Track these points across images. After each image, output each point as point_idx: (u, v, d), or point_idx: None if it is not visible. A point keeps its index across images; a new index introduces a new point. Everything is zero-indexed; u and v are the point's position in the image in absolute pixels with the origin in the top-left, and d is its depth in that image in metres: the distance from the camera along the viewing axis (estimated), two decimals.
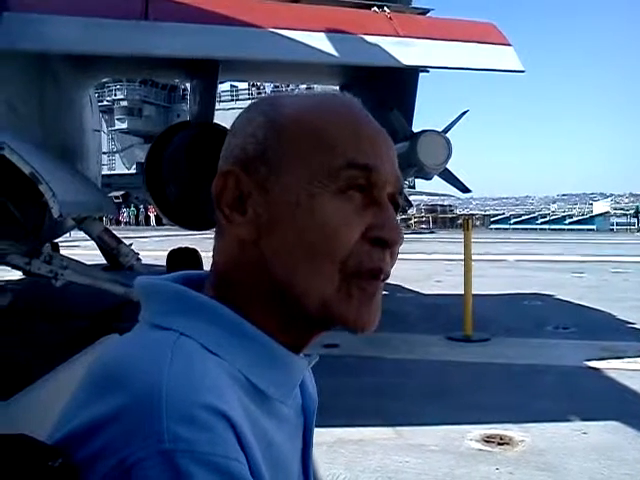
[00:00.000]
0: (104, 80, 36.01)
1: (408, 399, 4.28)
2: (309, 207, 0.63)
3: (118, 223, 38.77)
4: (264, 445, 0.60)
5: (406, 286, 10.05)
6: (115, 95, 45.74)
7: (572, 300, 8.63)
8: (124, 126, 45.88)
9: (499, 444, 3.45)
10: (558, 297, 9.01)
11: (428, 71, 7.48)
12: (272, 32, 5.74)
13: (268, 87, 44.02)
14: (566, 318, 7.26)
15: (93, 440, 0.54)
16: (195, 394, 0.54)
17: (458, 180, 7.33)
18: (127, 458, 0.52)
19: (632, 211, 41.84)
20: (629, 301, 8.41)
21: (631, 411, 3.92)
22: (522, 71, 6.22)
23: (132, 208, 42.61)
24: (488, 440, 3.50)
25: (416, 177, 8.45)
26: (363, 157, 0.65)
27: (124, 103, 45.93)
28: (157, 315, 0.65)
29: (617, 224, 40.43)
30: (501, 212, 52.27)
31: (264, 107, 0.69)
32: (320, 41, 5.90)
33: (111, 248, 6.78)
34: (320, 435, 3.53)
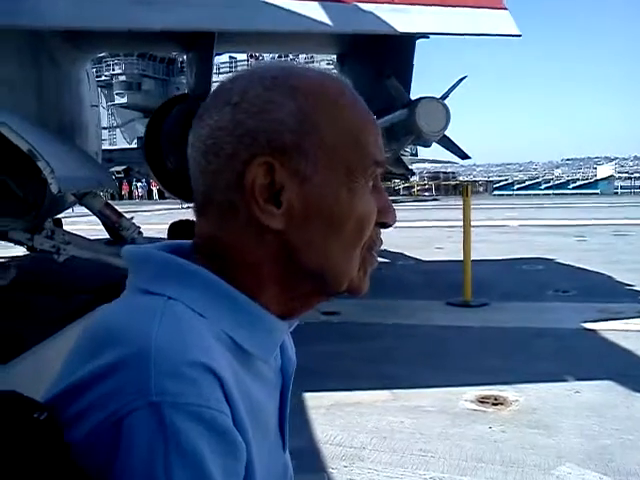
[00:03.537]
0: (101, 55, 35.71)
1: (406, 363, 4.36)
2: (349, 201, 0.68)
3: (127, 197, 38.86)
4: (247, 401, 0.64)
5: (407, 253, 10.11)
6: (113, 70, 45.38)
7: (573, 264, 8.67)
8: (123, 101, 45.59)
9: (493, 404, 3.54)
10: (559, 261, 9.05)
11: (428, 37, 7.41)
12: (266, 2, 5.69)
13: (267, 58, 43.52)
14: (566, 282, 7.31)
15: (85, 395, 0.59)
16: (182, 351, 0.59)
17: (457, 147, 7.32)
18: (117, 411, 0.56)
19: (637, 174, 41.64)
20: (629, 263, 8.45)
21: (624, 370, 3.99)
22: (519, 35, 6.17)
23: (143, 182, 42.54)
24: (482, 401, 3.58)
25: (414, 144, 8.44)
26: (380, 154, 0.72)
27: (122, 78, 45.59)
28: (146, 281, 0.68)
29: (621, 187, 40.30)
30: (505, 178, 51.99)
31: (286, 89, 0.68)
32: (315, 10, 5.85)
33: (112, 222, 6.85)
34: (318, 398, 3.64)
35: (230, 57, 43.22)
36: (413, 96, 7.13)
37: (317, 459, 2.93)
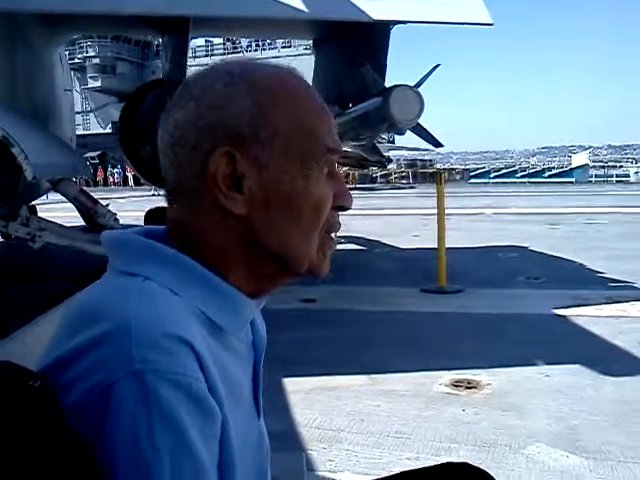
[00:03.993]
0: (74, 37, 35.00)
1: (382, 349, 4.43)
2: (305, 187, 0.74)
3: (102, 184, 38.35)
4: (222, 372, 0.70)
5: (384, 241, 10.20)
6: (87, 52, 44.51)
7: (546, 251, 8.84)
8: (97, 84, 44.79)
9: (467, 388, 3.63)
10: (532, 249, 9.22)
11: (406, 22, 7.44)
12: None
13: (244, 42, 43.13)
14: (538, 269, 7.46)
15: (74, 366, 0.65)
16: (160, 325, 0.65)
17: (430, 134, 7.40)
18: (105, 379, 0.62)
19: (611, 163, 42.43)
20: (600, 251, 8.65)
21: (592, 354, 4.11)
22: (490, 24, 6.24)
23: (119, 168, 41.94)
24: (456, 385, 3.67)
25: (389, 132, 8.49)
26: (333, 142, 0.78)
27: (96, 60, 44.75)
28: (125, 264, 0.74)
29: (595, 176, 41.01)
30: (481, 166, 52.46)
31: (244, 86, 0.74)
32: None
33: (88, 209, 6.80)
34: (297, 383, 3.69)
35: (206, 41, 42.75)
36: (388, 84, 7.18)
37: (297, 441, 2.99)
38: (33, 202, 9.19)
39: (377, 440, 2.98)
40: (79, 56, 43.41)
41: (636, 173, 42.34)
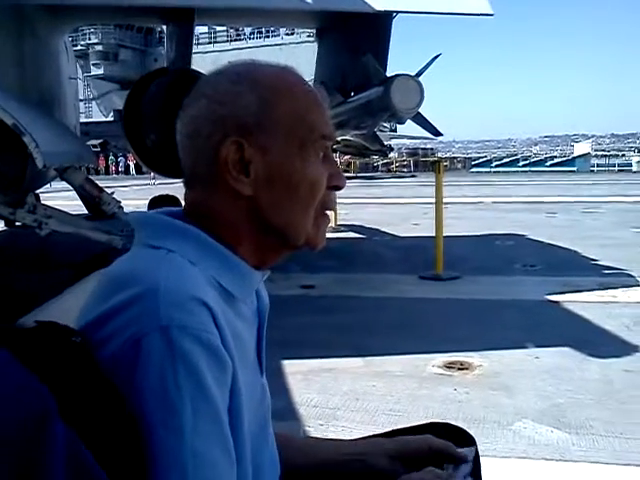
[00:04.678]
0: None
1: (379, 333, 4.58)
2: (302, 169, 0.88)
3: (104, 172, 38.41)
4: (232, 332, 0.83)
5: (383, 229, 10.33)
6: (89, 39, 44.31)
7: (542, 240, 8.97)
8: (100, 72, 44.64)
9: (459, 369, 3.79)
10: (530, 237, 9.34)
11: (407, 13, 7.52)
12: None
13: (247, 30, 42.94)
14: (534, 257, 7.60)
15: (109, 324, 0.78)
16: (183, 289, 0.78)
17: (430, 124, 7.50)
18: (136, 333, 0.75)
19: (613, 152, 42.38)
20: (595, 239, 8.79)
21: (581, 337, 4.27)
22: (491, 14, 6.33)
23: (121, 157, 41.94)
24: (449, 366, 3.83)
25: (389, 121, 8.58)
26: (327, 129, 0.92)
27: (99, 47, 44.56)
28: (150, 238, 0.88)
29: (597, 165, 40.96)
30: (483, 155, 52.36)
31: (249, 83, 0.88)
32: None
33: (93, 197, 6.93)
34: (296, 365, 3.85)
35: (210, 28, 42.53)
36: (389, 73, 7.27)
37: (295, 419, 3.14)
38: (38, 190, 9.33)
39: (372, 417, 3.14)
40: (82, 43, 43.19)
41: (638, 162, 42.30)
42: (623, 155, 47.60)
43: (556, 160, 43.48)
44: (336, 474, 1.14)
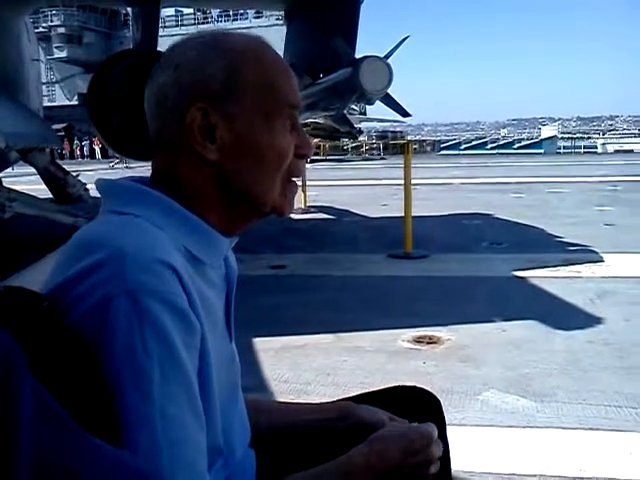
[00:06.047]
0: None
1: (349, 310, 4.62)
2: (269, 136, 0.89)
3: (69, 157, 37.69)
4: (200, 297, 0.84)
5: (353, 210, 10.37)
6: (52, 21, 43.23)
7: (509, 218, 9.11)
8: (63, 55, 43.65)
9: (428, 343, 3.85)
10: (496, 216, 9.48)
11: None
12: None
13: (215, 12, 42.34)
14: (501, 235, 7.71)
15: (77, 287, 0.77)
16: (150, 252, 0.78)
17: (399, 105, 7.51)
18: (105, 296, 0.75)
19: (579, 135, 43.21)
20: (560, 218, 8.95)
21: (547, 311, 4.37)
22: None
23: (86, 141, 41.09)
24: (418, 340, 3.89)
25: (358, 103, 8.57)
26: (294, 98, 0.93)
27: (62, 30, 43.51)
28: (116, 205, 0.88)
29: (564, 147, 41.71)
30: (452, 138, 52.79)
31: (216, 51, 0.88)
32: None
33: (58, 179, 6.82)
34: (267, 342, 3.87)
35: (176, 11, 41.84)
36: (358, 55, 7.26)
37: (267, 394, 3.16)
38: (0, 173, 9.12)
39: (342, 391, 3.16)
40: (44, 25, 42.08)
41: (603, 144, 43.18)
42: (589, 137, 48.54)
43: (524, 143, 44.05)
44: (306, 434, 1.16)
